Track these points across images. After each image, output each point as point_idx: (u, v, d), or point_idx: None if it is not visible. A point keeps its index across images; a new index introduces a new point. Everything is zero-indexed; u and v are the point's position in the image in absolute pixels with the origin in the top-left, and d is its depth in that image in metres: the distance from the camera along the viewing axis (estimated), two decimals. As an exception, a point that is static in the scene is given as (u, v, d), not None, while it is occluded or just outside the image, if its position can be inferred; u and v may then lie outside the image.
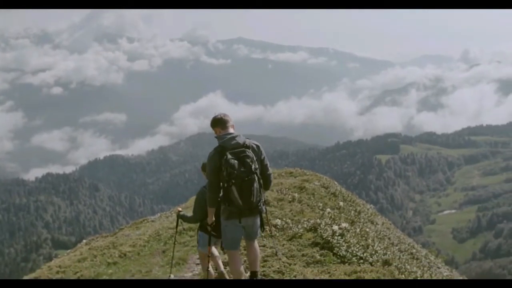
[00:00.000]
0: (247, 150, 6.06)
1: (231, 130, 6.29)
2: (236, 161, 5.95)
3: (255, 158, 6.09)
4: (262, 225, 6.51)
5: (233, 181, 5.92)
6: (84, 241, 18.69)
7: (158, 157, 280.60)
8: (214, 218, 6.61)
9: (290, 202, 13.89)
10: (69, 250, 17.66)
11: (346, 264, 8.30)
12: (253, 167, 6.01)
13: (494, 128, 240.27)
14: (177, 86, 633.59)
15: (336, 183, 19.64)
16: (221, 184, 6.08)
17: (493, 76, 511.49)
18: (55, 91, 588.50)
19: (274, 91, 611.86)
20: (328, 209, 13.02)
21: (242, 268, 6.57)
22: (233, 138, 6.12)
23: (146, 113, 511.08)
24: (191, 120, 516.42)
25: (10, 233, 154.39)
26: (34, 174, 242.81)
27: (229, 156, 5.95)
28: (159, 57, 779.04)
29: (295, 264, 8.31)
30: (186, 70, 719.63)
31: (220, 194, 6.19)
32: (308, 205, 13.67)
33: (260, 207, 6.22)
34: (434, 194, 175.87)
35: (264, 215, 6.54)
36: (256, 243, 6.56)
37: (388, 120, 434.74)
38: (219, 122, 6.32)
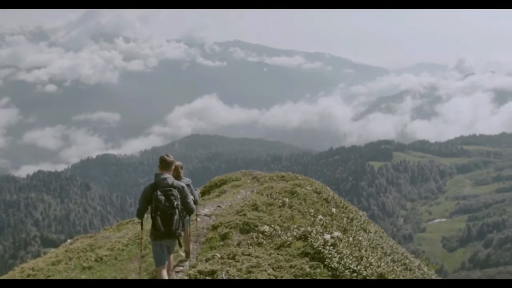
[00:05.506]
0: (173, 189, 7.60)
1: (165, 173, 7.80)
2: (163, 197, 7.48)
3: (178, 196, 7.62)
4: (179, 244, 8.07)
5: (159, 212, 7.44)
6: (69, 240, 17.96)
7: (151, 158, 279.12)
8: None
9: (280, 207, 13.24)
10: (53, 250, 16.95)
11: (339, 278, 7.58)
12: (175, 203, 7.53)
13: (487, 138, 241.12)
14: (172, 87, 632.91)
15: (328, 188, 19.05)
16: (150, 213, 7.64)
17: (487, 85, 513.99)
18: (49, 88, 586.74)
19: (269, 95, 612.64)
20: (320, 216, 12.40)
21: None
22: (165, 179, 7.67)
23: (140, 113, 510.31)
24: (185, 121, 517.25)
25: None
26: (25, 171, 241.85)
27: (159, 193, 7.49)
28: (155, 57, 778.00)
29: (281, 277, 7.64)
30: (181, 71, 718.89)
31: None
32: (299, 211, 13.02)
33: (178, 233, 7.69)
34: (425, 202, 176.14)
35: (180, 238, 7.99)
36: (171, 257, 8.30)
37: (382, 127, 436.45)
38: (161, 163, 7.86)
